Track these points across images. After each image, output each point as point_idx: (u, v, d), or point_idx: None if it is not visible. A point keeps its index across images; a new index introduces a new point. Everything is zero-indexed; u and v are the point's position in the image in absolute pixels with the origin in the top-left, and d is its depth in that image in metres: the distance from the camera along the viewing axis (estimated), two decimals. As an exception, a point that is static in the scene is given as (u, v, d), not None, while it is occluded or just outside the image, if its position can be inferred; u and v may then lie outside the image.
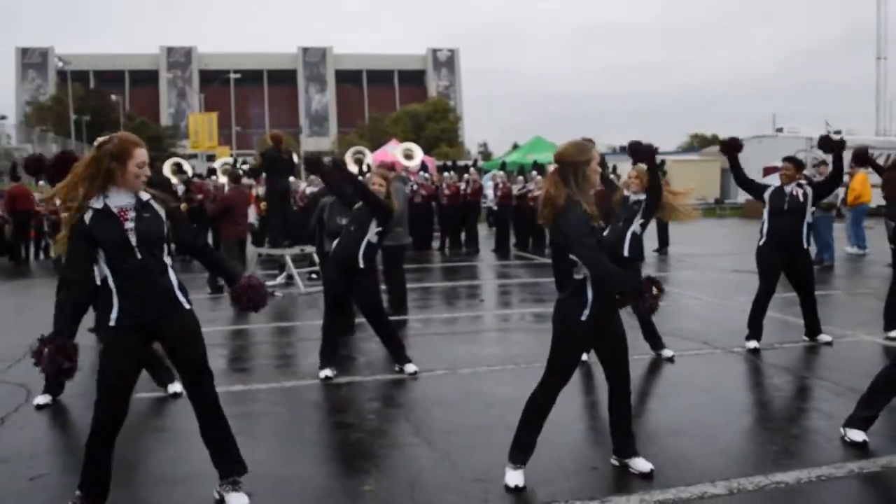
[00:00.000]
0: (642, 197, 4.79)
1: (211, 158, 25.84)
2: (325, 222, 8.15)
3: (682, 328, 8.00)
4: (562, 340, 4.02)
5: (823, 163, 14.95)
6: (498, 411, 5.28)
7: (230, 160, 21.66)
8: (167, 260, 3.72)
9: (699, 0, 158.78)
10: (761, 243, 7.15)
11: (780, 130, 34.56)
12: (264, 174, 12.31)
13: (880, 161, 27.87)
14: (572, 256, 3.89)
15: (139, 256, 3.57)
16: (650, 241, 15.69)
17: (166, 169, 15.09)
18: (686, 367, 6.59)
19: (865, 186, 15.27)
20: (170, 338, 3.74)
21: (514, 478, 4.01)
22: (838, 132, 35.70)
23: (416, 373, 6.32)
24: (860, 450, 4.50)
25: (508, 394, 5.62)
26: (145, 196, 3.68)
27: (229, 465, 3.86)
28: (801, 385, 6.17)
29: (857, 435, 4.59)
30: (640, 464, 4.16)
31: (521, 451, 4.08)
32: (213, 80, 65.69)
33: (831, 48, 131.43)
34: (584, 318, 3.91)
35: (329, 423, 5.37)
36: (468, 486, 4.06)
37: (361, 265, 6.23)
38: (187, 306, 3.77)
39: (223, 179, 17.20)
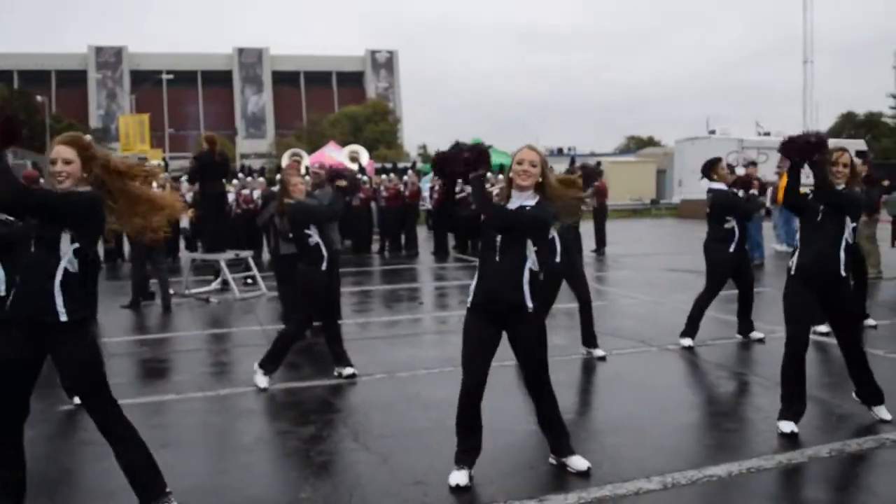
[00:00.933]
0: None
1: (142, 161, 25.30)
2: (279, 225, 8.03)
3: (619, 327, 8.11)
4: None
5: (753, 163, 15.37)
6: (437, 414, 5.26)
7: (159, 163, 21.16)
8: (65, 261, 3.38)
9: (636, 5, 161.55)
10: (732, 250, 7.13)
11: (712, 132, 35.45)
12: (199, 178, 12.05)
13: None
14: None
15: (32, 250, 3.40)
16: (588, 242, 15.91)
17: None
18: (623, 366, 6.67)
19: (794, 185, 15.66)
20: (54, 355, 3.46)
21: (457, 477, 4.01)
22: (767, 133, 36.81)
23: (353, 375, 6.26)
24: (788, 441, 4.62)
25: (447, 396, 5.58)
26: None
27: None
28: (734, 380, 6.30)
29: (785, 425, 4.74)
30: (577, 462, 4.20)
31: (463, 454, 4.09)
32: (145, 81, 64.27)
33: (763, 52, 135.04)
34: (469, 305, 4.08)
35: (265, 430, 5.27)
36: (407, 489, 4.04)
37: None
38: (63, 318, 3.37)
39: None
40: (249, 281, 11.78)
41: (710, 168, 7.29)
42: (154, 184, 3.88)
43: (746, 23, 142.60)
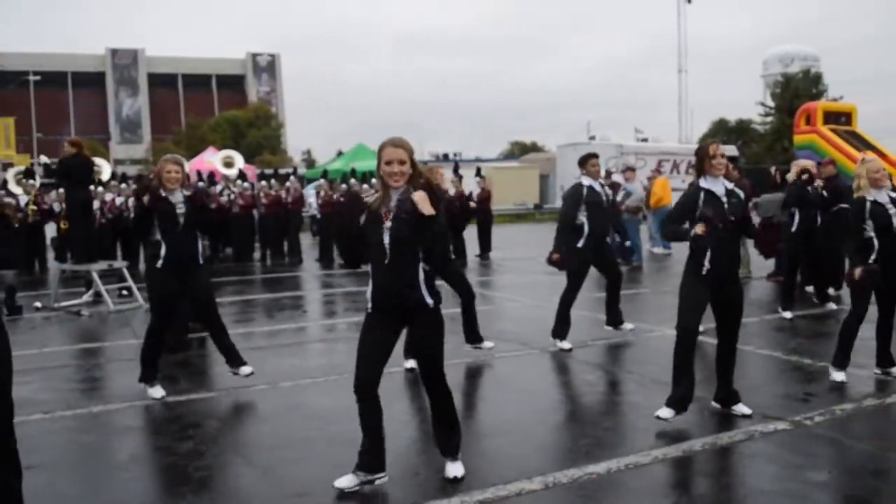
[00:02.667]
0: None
1: (7, 167, 23.89)
2: None
3: (501, 330, 8.23)
4: None
5: (630, 169, 15.97)
6: (320, 423, 5.20)
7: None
8: None
9: (519, 12, 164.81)
10: (580, 245, 7.35)
11: (592, 138, 36.56)
12: (63, 184, 11.48)
13: (683, 167, 29.52)
14: None
15: None
16: (473, 247, 16.12)
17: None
18: (505, 369, 6.78)
19: (666, 190, 16.38)
20: None
21: (345, 480, 4.00)
22: (645, 139, 38.29)
23: (251, 374, 6.19)
24: (664, 437, 4.82)
25: (331, 405, 5.56)
26: None
27: None
28: (612, 379, 6.50)
29: (665, 412, 5.01)
30: (452, 469, 4.22)
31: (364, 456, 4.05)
32: (10, 83, 61.01)
33: (643, 61, 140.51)
34: (368, 309, 4.08)
35: (141, 447, 5.06)
36: (290, 501, 3.97)
37: (201, 261, 6.16)
38: None
39: (17, 189, 16.07)
40: (125, 293, 11.31)
41: (582, 164, 7.72)
42: None
43: (627, 32, 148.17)
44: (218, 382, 6.44)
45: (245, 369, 6.20)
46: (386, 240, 3.91)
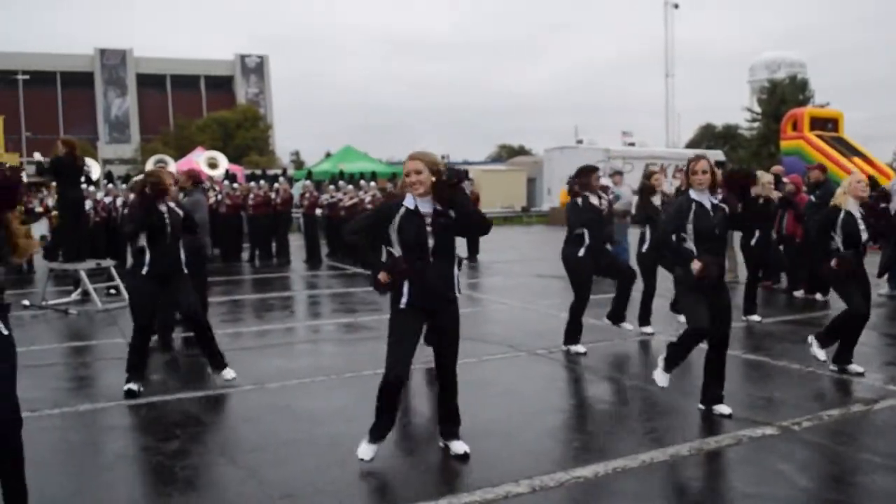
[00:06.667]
0: None
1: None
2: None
3: (488, 332, 8.25)
4: None
5: (618, 173, 16.04)
6: (307, 425, 5.21)
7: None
8: None
9: (507, 14, 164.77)
10: (581, 254, 7.27)
11: (580, 142, 36.74)
12: (55, 183, 11.47)
13: (670, 171, 29.57)
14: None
15: None
16: (461, 249, 16.13)
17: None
18: (491, 371, 6.79)
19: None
20: None
21: (365, 451, 4.37)
22: (632, 144, 38.49)
23: (234, 378, 6.28)
24: (651, 441, 4.85)
25: (318, 407, 5.57)
26: None
27: None
28: (601, 383, 6.52)
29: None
30: (457, 446, 4.57)
31: (379, 430, 4.41)
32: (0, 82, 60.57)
33: (630, 65, 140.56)
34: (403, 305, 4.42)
35: (127, 447, 5.04)
36: (275, 502, 3.98)
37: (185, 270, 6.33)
38: None
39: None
40: (112, 291, 11.29)
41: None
42: None
43: (615, 36, 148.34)
44: (205, 382, 6.44)
45: (228, 373, 6.24)
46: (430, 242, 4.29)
